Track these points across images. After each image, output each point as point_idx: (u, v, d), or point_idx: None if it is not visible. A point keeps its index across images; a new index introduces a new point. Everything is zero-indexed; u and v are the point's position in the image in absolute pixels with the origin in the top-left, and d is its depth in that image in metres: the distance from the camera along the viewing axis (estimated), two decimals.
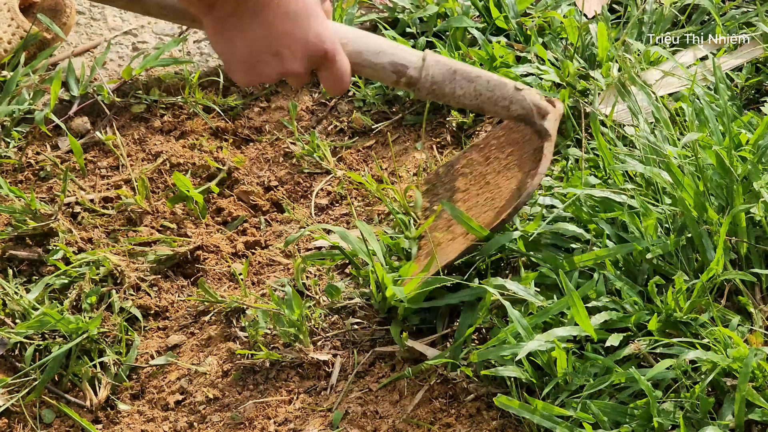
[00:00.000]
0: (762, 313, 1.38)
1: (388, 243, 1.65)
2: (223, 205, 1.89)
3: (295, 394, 1.53)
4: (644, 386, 1.29)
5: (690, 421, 1.29)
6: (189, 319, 1.69)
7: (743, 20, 1.97)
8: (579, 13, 2.04)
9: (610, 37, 1.92)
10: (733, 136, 1.53)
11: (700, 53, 1.92)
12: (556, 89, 1.88)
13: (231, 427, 1.50)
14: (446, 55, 1.95)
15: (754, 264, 1.45)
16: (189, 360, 1.62)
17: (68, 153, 1.97)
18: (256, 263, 1.76)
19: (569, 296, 1.37)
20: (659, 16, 2.00)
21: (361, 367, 1.54)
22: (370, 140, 1.98)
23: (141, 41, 2.20)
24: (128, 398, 1.59)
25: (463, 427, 1.42)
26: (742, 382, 1.25)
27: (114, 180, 1.92)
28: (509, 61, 1.93)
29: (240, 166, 1.94)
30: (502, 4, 2.05)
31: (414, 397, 1.47)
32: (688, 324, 1.39)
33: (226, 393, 1.55)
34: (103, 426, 1.55)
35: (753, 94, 1.85)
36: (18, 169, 1.92)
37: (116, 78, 2.09)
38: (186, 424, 1.52)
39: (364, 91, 2.03)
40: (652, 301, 1.43)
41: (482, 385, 1.46)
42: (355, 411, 1.47)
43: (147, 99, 2.07)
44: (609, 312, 1.40)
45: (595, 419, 1.31)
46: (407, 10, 2.12)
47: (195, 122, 2.03)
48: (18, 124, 2.00)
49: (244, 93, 2.12)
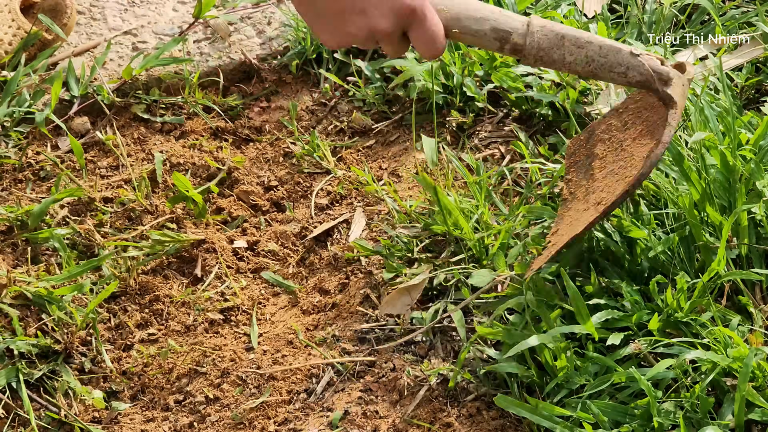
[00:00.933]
0: (762, 313, 1.38)
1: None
2: (223, 204, 1.89)
3: (295, 393, 1.53)
4: (644, 386, 1.29)
5: (690, 421, 1.29)
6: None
7: (743, 20, 1.97)
8: (579, 13, 2.04)
9: (610, 36, 1.92)
10: (734, 135, 1.53)
11: (701, 53, 1.92)
12: (556, 89, 1.88)
13: (231, 427, 1.50)
14: (446, 56, 1.95)
15: (754, 264, 1.45)
16: None
17: (68, 153, 1.97)
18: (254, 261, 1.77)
19: (571, 294, 1.37)
20: (659, 16, 2.00)
21: (361, 367, 1.54)
22: (370, 140, 1.98)
23: (141, 41, 2.20)
24: (128, 398, 1.59)
25: (463, 427, 1.42)
26: (742, 382, 1.25)
27: (114, 180, 1.92)
28: (509, 61, 1.93)
29: (240, 165, 1.94)
30: (502, 4, 2.05)
31: (414, 397, 1.47)
32: (689, 324, 1.39)
33: (226, 393, 1.55)
34: (103, 426, 1.55)
35: (753, 94, 1.85)
36: (18, 169, 1.92)
37: (116, 78, 2.09)
38: (186, 424, 1.52)
39: (364, 91, 2.03)
40: (652, 300, 1.43)
41: (482, 384, 1.46)
42: (355, 411, 1.47)
43: (147, 99, 2.07)
44: (610, 311, 1.40)
45: (595, 419, 1.31)
46: None
47: (195, 122, 2.03)
48: (18, 124, 2.00)
49: (244, 93, 2.12)
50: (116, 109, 2.06)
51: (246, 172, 1.94)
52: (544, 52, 1.43)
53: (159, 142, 2.00)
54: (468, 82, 1.93)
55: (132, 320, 1.69)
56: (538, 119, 1.89)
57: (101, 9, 2.28)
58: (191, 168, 1.94)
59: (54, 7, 2.14)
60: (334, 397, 1.51)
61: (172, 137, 2.02)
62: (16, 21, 2.10)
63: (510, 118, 1.92)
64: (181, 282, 1.76)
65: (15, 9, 2.11)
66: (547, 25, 1.43)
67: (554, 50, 1.43)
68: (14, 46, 2.08)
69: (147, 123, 2.04)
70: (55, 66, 2.13)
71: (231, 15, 2.22)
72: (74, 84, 2.06)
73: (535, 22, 1.43)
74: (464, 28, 1.40)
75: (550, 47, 1.43)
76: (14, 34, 2.09)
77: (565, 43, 1.43)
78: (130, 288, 1.72)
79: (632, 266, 1.48)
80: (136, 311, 1.70)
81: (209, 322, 1.68)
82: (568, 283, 1.38)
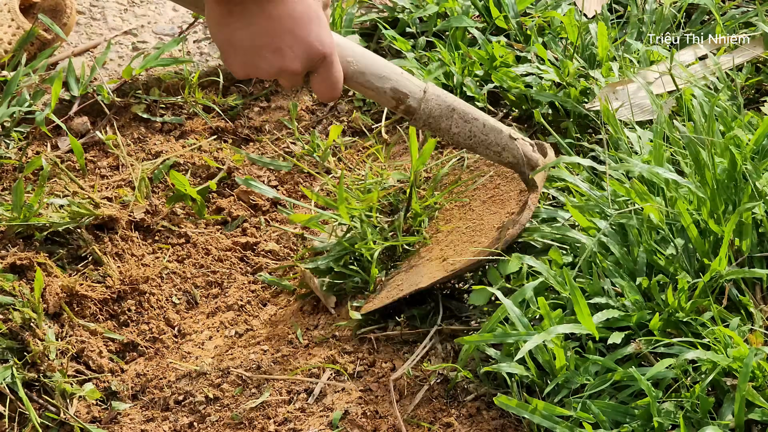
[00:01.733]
0: (762, 313, 1.38)
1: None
2: (223, 204, 1.89)
3: (295, 393, 1.53)
4: (644, 386, 1.29)
5: (690, 421, 1.28)
6: None
7: (743, 20, 1.97)
8: (579, 13, 2.04)
9: (610, 36, 1.92)
10: (734, 135, 1.53)
11: (700, 52, 1.92)
12: (557, 89, 1.88)
13: (231, 427, 1.50)
14: (446, 56, 1.95)
15: (755, 263, 1.45)
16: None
17: (68, 153, 1.97)
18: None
19: (572, 293, 1.37)
20: (659, 16, 2.00)
21: (361, 367, 1.54)
22: (370, 140, 1.98)
23: (141, 41, 2.20)
24: (128, 398, 1.59)
25: (463, 427, 1.41)
26: (742, 381, 1.25)
27: (114, 180, 1.92)
28: (509, 61, 1.93)
29: (240, 165, 1.94)
30: (502, 4, 2.05)
31: (414, 397, 1.47)
32: (689, 323, 1.39)
33: (226, 393, 1.55)
34: (103, 426, 1.55)
35: (753, 94, 1.85)
36: (18, 169, 1.92)
37: (116, 78, 2.09)
38: (186, 424, 1.52)
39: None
40: (653, 299, 1.43)
41: (482, 384, 1.46)
42: (355, 411, 1.47)
43: (147, 99, 2.07)
44: (610, 310, 1.40)
45: (595, 419, 1.31)
46: (407, 9, 2.12)
47: (195, 122, 2.03)
48: (18, 124, 2.00)
49: (244, 93, 2.12)
50: (116, 109, 2.06)
51: (246, 172, 1.94)
52: (434, 119, 1.52)
53: (159, 142, 2.00)
54: (468, 81, 1.93)
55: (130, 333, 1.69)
56: (538, 119, 1.89)
57: (101, 9, 2.28)
58: (191, 168, 1.94)
59: (54, 7, 2.14)
60: (334, 397, 1.51)
61: (172, 137, 2.02)
62: (16, 21, 2.10)
63: (510, 118, 1.92)
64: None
65: (15, 9, 2.11)
66: (441, 95, 1.52)
67: (443, 119, 1.52)
68: (14, 46, 2.08)
69: (147, 123, 2.04)
70: (55, 66, 2.13)
71: None
72: (74, 84, 2.06)
73: (431, 90, 1.52)
74: (367, 83, 1.48)
75: (440, 116, 1.52)
76: (14, 34, 2.09)
77: (454, 116, 1.52)
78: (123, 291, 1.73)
79: (630, 265, 1.48)
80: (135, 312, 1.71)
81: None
82: (570, 282, 1.38)
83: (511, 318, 1.40)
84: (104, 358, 1.63)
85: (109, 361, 1.64)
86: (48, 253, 1.73)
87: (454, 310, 1.58)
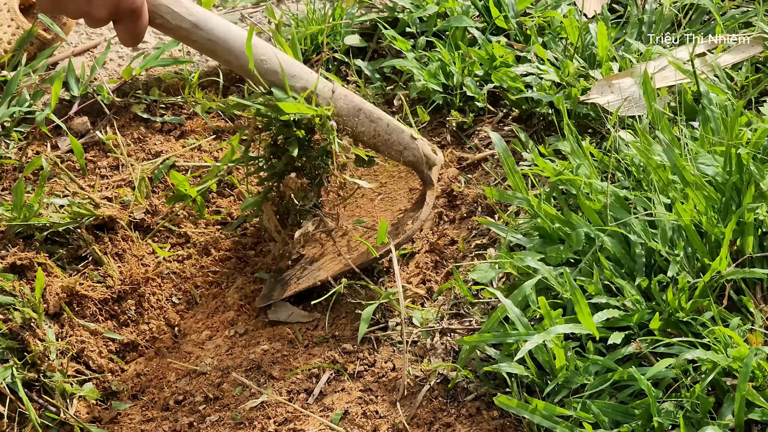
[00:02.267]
0: (762, 313, 1.38)
1: None
2: (222, 204, 1.89)
3: (295, 393, 1.53)
4: (644, 386, 1.29)
5: (690, 421, 1.28)
6: None
7: (743, 20, 1.97)
8: (579, 13, 2.04)
9: (610, 36, 1.92)
10: (735, 135, 1.53)
11: (699, 49, 1.92)
12: (557, 89, 1.88)
13: (231, 427, 1.50)
14: (446, 56, 1.95)
15: (755, 263, 1.45)
16: None
17: (68, 153, 1.97)
18: None
19: (572, 293, 1.37)
20: (659, 16, 2.00)
21: (361, 367, 1.54)
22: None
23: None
24: (128, 398, 1.59)
25: (463, 427, 1.41)
26: (742, 381, 1.25)
27: (114, 180, 1.92)
28: (509, 61, 1.93)
29: (240, 165, 1.94)
30: (501, 4, 2.05)
31: (414, 397, 1.47)
32: (689, 323, 1.39)
33: (226, 393, 1.55)
34: (103, 426, 1.55)
35: (755, 94, 1.85)
36: (18, 169, 1.92)
37: (116, 78, 2.09)
38: (186, 424, 1.52)
39: (364, 90, 2.03)
40: (653, 299, 1.42)
41: (482, 384, 1.46)
42: (355, 411, 1.47)
43: (147, 99, 2.07)
44: (611, 310, 1.40)
45: (595, 419, 1.31)
46: (407, 9, 2.12)
47: (195, 122, 2.03)
48: (18, 124, 2.00)
49: (244, 93, 2.12)
50: (116, 109, 2.06)
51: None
52: (341, 118, 1.63)
53: (159, 142, 2.00)
54: (468, 81, 1.93)
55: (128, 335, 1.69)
56: (538, 119, 1.89)
57: None
58: (191, 168, 1.93)
59: None
60: (334, 397, 1.51)
61: (172, 137, 2.02)
62: (16, 20, 2.10)
63: (510, 117, 1.92)
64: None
65: (14, 8, 2.11)
66: (349, 95, 1.64)
67: (350, 118, 1.63)
68: (13, 46, 2.08)
69: (147, 123, 2.04)
70: (55, 66, 2.13)
71: (231, 15, 2.22)
72: (74, 84, 2.06)
73: (339, 90, 1.63)
74: (279, 81, 1.58)
75: (348, 116, 1.63)
76: (13, 34, 2.09)
77: (360, 115, 1.64)
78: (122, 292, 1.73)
79: (631, 265, 1.48)
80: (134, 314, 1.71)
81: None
82: (570, 282, 1.38)
83: (511, 318, 1.41)
84: (104, 358, 1.63)
85: (109, 361, 1.64)
86: (48, 253, 1.73)
87: None
